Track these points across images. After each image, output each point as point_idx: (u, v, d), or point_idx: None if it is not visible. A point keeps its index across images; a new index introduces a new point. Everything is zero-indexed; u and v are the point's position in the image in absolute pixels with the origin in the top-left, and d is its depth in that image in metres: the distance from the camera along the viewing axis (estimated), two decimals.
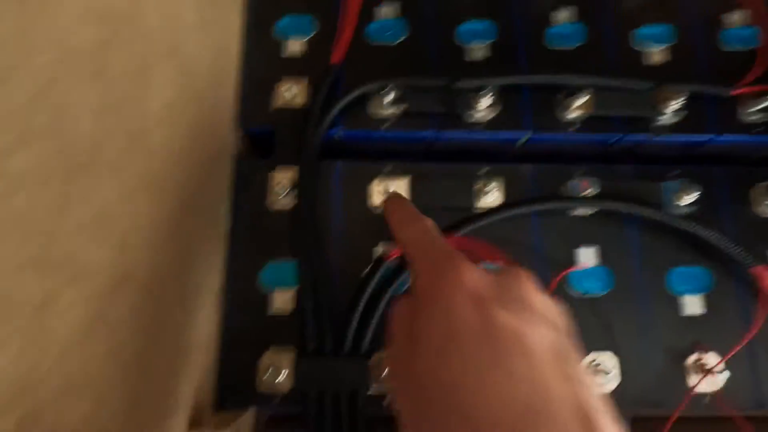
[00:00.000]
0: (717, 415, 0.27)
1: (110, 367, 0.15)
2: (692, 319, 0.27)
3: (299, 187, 0.27)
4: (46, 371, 0.12)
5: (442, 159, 0.32)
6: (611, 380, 0.26)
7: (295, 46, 0.31)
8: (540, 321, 0.17)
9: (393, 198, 0.24)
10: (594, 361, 0.26)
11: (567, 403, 0.14)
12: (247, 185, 0.28)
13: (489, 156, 0.32)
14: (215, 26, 0.24)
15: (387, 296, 0.26)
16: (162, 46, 0.18)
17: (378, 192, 0.28)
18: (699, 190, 0.28)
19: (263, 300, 0.27)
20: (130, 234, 0.16)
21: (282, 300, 0.27)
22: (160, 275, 0.18)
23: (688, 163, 0.30)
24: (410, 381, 0.17)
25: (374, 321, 0.26)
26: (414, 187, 0.28)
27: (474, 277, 0.17)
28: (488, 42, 0.31)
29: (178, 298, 0.20)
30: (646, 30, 0.32)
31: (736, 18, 0.32)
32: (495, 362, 0.15)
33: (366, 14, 0.31)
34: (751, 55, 0.32)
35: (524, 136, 0.30)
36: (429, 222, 0.22)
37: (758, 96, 0.30)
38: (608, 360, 0.26)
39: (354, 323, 0.26)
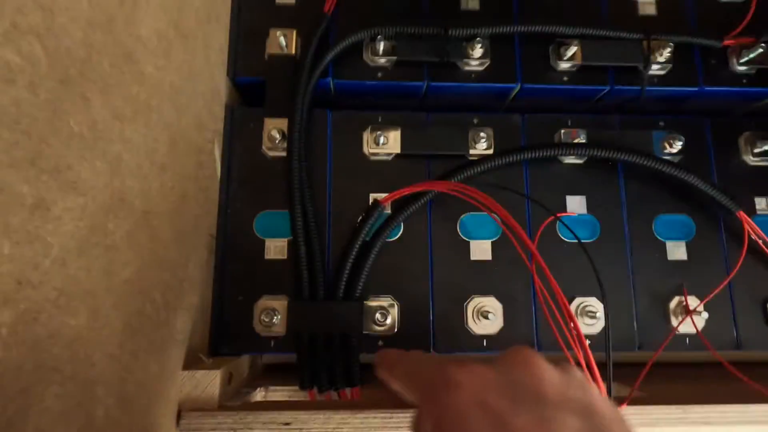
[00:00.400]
0: (696, 362, 0.28)
1: (106, 285, 0.15)
2: (676, 264, 0.28)
3: (289, 137, 0.27)
4: (44, 273, 0.12)
5: (437, 110, 0.32)
6: (598, 322, 0.27)
7: None
8: (562, 412, 0.14)
9: (378, 354, 0.21)
10: (582, 303, 0.27)
11: None
12: (241, 133, 0.28)
13: (481, 110, 0.32)
14: None
15: (379, 242, 0.27)
16: None
17: (370, 140, 0.28)
18: (685, 139, 0.29)
19: (259, 246, 0.27)
20: (122, 157, 0.16)
21: (277, 247, 0.27)
22: (155, 207, 0.19)
23: (676, 115, 0.31)
24: None
25: (367, 267, 0.26)
26: (406, 136, 0.28)
27: (471, 377, 0.15)
28: None
29: (174, 233, 0.20)
30: None
31: None
32: None
33: None
34: (743, 7, 0.32)
35: (515, 88, 0.30)
36: (415, 352, 0.20)
37: (749, 47, 0.30)
38: (595, 303, 0.27)
39: (347, 269, 0.26)
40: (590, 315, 0.27)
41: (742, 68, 0.30)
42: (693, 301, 0.27)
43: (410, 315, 0.27)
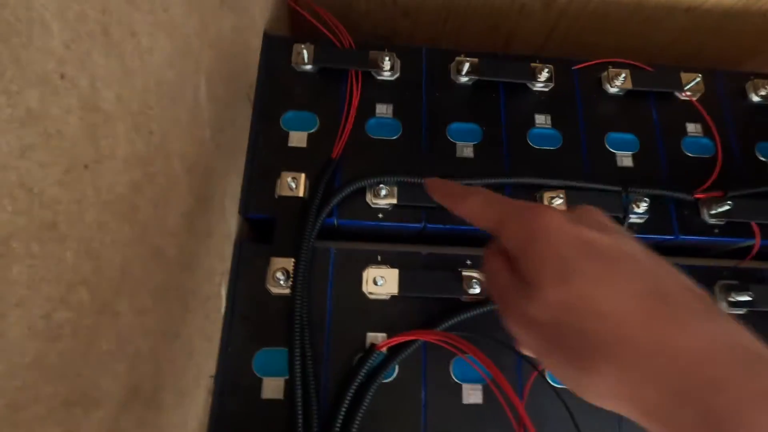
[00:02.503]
0: None
1: None
2: None
3: (294, 280, 0.28)
4: None
5: (431, 242, 0.34)
6: None
7: (298, 138, 0.33)
8: (625, 236, 0.18)
9: (432, 182, 0.23)
10: None
11: (679, 283, 0.17)
12: (248, 269, 0.30)
13: (476, 241, 0.34)
14: (227, 134, 0.27)
15: (375, 386, 0.27)
16: (182, 168, 0.20)
17: (370, 281, 0.30)
18: None
19: (257, 385, 0.27)
20: (140, 350, 0.17)
21: (274, 387, 0.28)
22: (162, 382, 0.19)
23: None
24: (537, 319, 0.17)
25: (361, 411, 0.27)
26: (403, 278, 0.30)
27: (559, 214, 0.19)
28: (476, 141, 0.34)
29: (176, 396, 0.21)
30: (615, 136, 0.35)
31: (695, 129, 0.36)
32: (612, 272, 0.17)
33: (369, 111, 0.34)
34: (711, 162, 0.35)
35: None
36: (483, 189, 0.22)
37: (717, 201, 0.33)
38: None
39: (341, 414, 0.27)
40: None
41: (713, 220, 0.33)
42: None
43: None
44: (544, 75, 0.36)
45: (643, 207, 0.32)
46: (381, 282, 0.30)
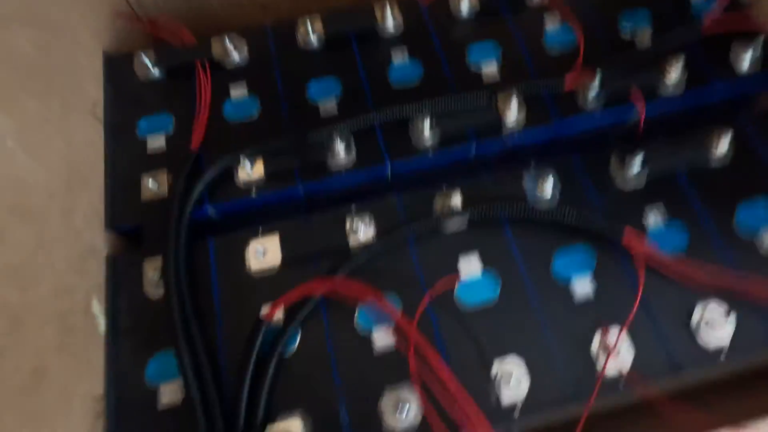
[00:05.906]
0: (638, 404, 0.26)
1: None
2: (586, 302, 0.27)
3: (164, 274, 0.27)
4: None
5: (321, 210, 0.32)
6: (521, 385, 0.25)
7: (156, 142, 0.32)
8: None
9: None
10: (497, 373, 0.25)
11: None
12: (124, 280, 0.28)
13: (365, 195, 0.33)
14: (63, 151, 0.26)
15: (274, 360, 0.25)
16: None
17: (252, 257, 0.28)
18: (554, 175, 0.29)
19: (151, 396, 0.26)
20: None
21: (170, 392, 0.26)
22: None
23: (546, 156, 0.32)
24: None
25: (264, 389, 0.25)
26: (286, 241, 0.29)
27: None
28: (337, 95, 0.33)
29: (24, 417, 0.19)
30: (475, 49, 0.35)
31: (552, 23, 0.36)
32: None
33: (224, 98, 0.34)
34: (575, 52, 0.34)
35: (386, 171, 0.31)
36: None
37: (589, 83, 0.32)
38: (514, 366, 0.26)
39: (244, 397, 0.25)
40: (511, 380, 0.25)
41: (593, 101, 0.32)
42: (613, 336, 0.26)
43: (324, 427, 0.25)
44: (390, 15, 0.35)
45: (514, 108, 0.31)
46: (262, 251, 0.28)
